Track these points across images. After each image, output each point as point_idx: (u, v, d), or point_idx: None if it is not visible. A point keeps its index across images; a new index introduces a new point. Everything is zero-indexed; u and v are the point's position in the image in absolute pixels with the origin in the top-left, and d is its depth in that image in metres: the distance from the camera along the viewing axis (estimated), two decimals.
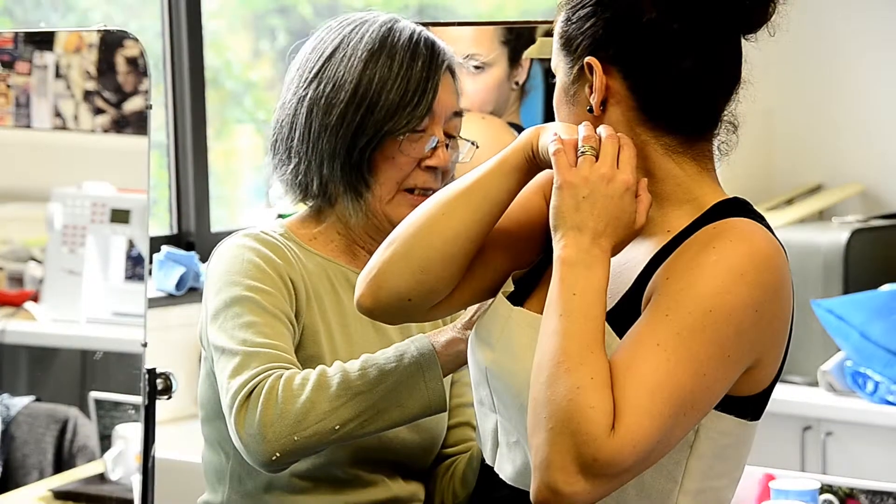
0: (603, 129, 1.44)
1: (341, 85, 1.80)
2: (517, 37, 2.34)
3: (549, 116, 2.38)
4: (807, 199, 3.92)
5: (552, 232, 1.41)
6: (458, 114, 1.86)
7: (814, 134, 4.06)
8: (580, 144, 1.42)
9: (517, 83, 2.34)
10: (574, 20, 1.48)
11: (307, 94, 1.82)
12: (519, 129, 2.31)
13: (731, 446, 1.46)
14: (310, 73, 1.83)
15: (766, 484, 2.44)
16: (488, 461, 1.54)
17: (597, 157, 1.41)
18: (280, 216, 3.37)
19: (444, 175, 1.84)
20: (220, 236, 3.51)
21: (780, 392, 3.37)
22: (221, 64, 3.70)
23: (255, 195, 3.73)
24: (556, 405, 1.33)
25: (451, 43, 2.31)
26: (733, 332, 1.37)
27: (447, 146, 1.83)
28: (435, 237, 1.49)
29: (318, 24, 1.96)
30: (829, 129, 4.04)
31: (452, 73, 1.85)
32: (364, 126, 1.79)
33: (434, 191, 1.80)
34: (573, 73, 1.49)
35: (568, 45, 1.49)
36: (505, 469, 1.51)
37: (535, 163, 1.47)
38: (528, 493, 1.44)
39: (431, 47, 1.83)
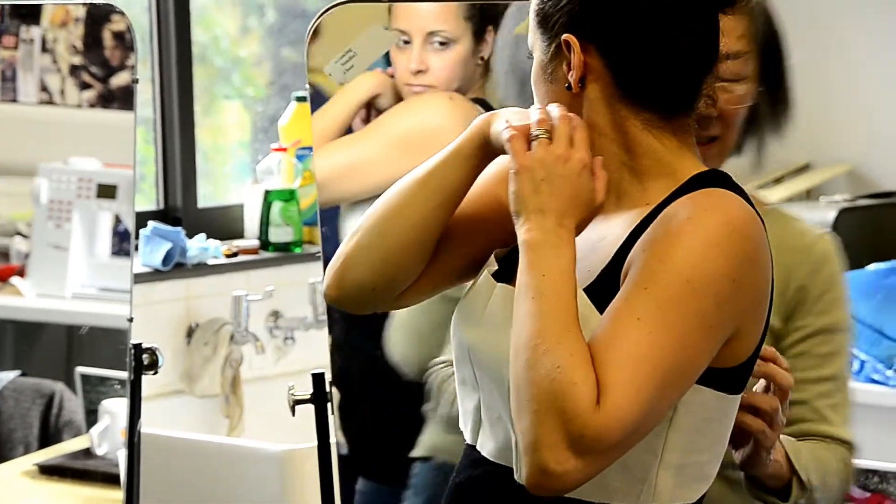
0: (555, 110, 1.44)
1: None
2: (481, 12, 2.34)
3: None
4: (795, 178, 3.92)
5: (514, 217, 1.42)
6: (727, 56, 1.70)
7: (802, 113, 4.05)
8: (533, 128, 1.43)
9: (482, 59, 2.33)
10: None
11: None
12: (485, 104, 2.31)
13: (713, 420, 1.45)
14: None
15: None
16: (469, 441, 1.54)
17: (550, 140, 1.42)
18: (267, 192, 3.39)
19: (724, 121, 1.75)
20: (207, 212, 3.52)
21: None
22: (209, 40, 3.69)
23: (242, 171, 3.71)
24: (538, 387, 1.33)
25: (414, 19, 2.29)
26: (712, 301, 1.37)
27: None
28: (394, 227, 1.50)
29: (307, 1, 1.95)
30: (817, 108, 4.03)
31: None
32: None
33: (701, 138, 1.70)
34: (550, 50, 1.48)
35: (545, 22, 1.48)
36: (487, 446, 1.51)
37: (488, 150, 1.48)
38: (509, 469, 1.45)
39: None
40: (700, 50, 1.46)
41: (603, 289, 1.42)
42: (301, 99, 3.29)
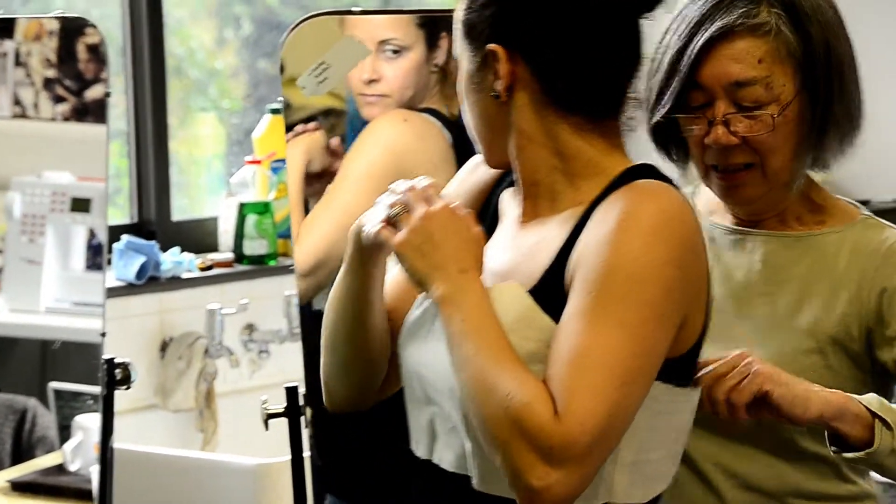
0: (398, 187, 1.50)
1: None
2: (434, 20, 2.33)
3: None
4: None
5: (421, 290, 1.47)
6: (741, 84, 1.67)
7: None
8: (389, 213, 1.49)
9: (437, 66, 2.32)
10: (475, 7, 1.50)
11: None
12: (437, 114, 2.29)
13: (664, 413, 1.47)
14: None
15: None
16: (424, 456, 1.56)
17: (408, 211, 1.48)
18: (242, 205, 3.38)
19: (751, 148, 1.68)
20: (182, 225, 3.51)
21: None
22: (185, 52, 3.68)
23: (217, 184, 3.70)
24: (496, 418, 1.37)
25: (365, 28, 2.27)
26: (660, 290, 1.39)
27: (725, 122, 1.67)
28: (339, 340, 1.59)
29: (284, 13, 1.95)
30: None
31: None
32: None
33: (730, 167, 1.70)
34: (477, 60, 1.51)
35: (470, 32, 1.51)
36: (446, 458, 1.53)
37: (370, 254, 1.54)
38: (467, 477, 1.48)
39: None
40: (623, 54, 1.49)
41: (547, 291, 1.45)
42: (276, 111, 3.28)
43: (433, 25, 2.31)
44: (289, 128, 2.34)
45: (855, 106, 1.73)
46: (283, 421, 2.23)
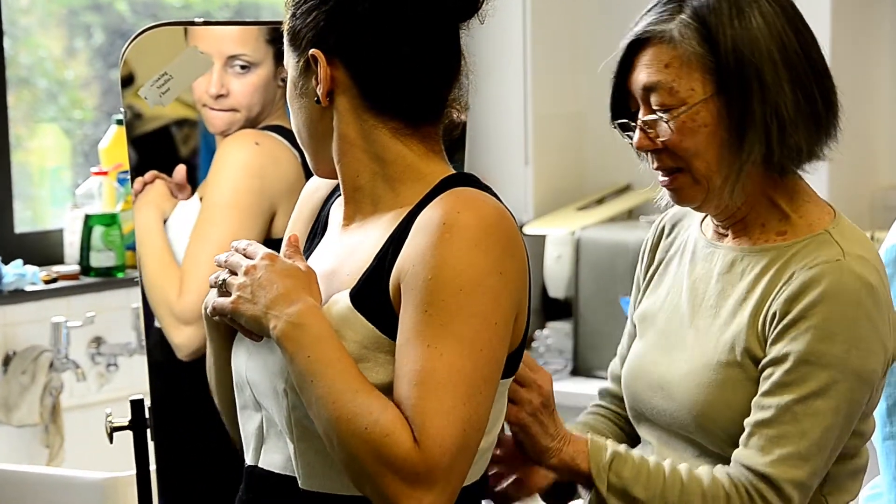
0: (219, 258, 1.54)
1: None
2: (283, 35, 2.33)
3: None
4: (616, 198, 4.00)
5: (268, 340, 1.49)
6: (648, 88, 1.69)
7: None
8: (216, 283, 1.52)
9: (283, 80, 2.32)
10: (298, 15, 1.54)
11: None
12: (282, 131, 2.29)
13: (496, 405, 1.51)
14: None
15: None
16: (251, 461, 1.58)
17: (233, 273, 1.52)
18: (88, 217, 3.32)
19: (673, 152, 1.70)
20: (24, 237, 3.44)
21: (588, 387, 3.43)
22: (34, 62, 3.62)
23: (63, 196, 3.64)
24: (361, 455, 1.40)
25: (213, 42, 2.26)
26: (489, 299, 1.43)
27: (643, 127, 1.69)
28: (224, 400, 1.66)
29: (136, 22, 1.93)
30: None
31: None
32: None
33: (661, 170, 1.72)
34: (300, 66, 1.54)
35: (294, 39, 1.55)
36: (274, 460, 1.55)
37: (217, 324, 1.58)
38: (293, 478, 1.52)
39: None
40: (440, 61, 1.53)
41: (366, 292, 1.48)
42: (122, 122, 3.24)
43: (282, 41, 2.31)
44: (137, 139, 2.31)
45: (792, 108, 1.69)
46: (131, 434, 2.21)
